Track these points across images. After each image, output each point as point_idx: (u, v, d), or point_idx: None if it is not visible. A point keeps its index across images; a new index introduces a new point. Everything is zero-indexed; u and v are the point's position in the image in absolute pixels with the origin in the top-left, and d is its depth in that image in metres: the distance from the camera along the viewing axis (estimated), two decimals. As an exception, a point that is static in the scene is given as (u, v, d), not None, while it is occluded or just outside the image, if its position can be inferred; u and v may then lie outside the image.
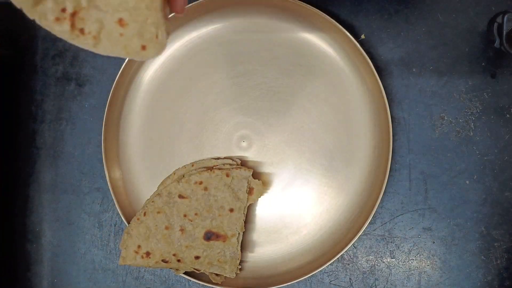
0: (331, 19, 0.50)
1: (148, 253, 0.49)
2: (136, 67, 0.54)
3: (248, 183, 0.50)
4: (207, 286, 0.50)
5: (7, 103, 0.58)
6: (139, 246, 0.49)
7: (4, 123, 0.58)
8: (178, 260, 0.49)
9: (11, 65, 0.58)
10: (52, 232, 0.57)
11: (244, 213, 0.49)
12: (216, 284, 0.50)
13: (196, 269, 0.49)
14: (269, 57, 0.53)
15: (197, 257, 0.49)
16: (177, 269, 0.50)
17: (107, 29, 0.32)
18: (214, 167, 0.50)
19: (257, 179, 0.51)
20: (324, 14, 0.50)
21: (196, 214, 0.49)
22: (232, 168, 0.50)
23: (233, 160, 0.52)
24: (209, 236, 0.48)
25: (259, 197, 0.51)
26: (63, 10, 0.31)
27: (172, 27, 0.52)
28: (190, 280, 0.52)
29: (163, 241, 0.49)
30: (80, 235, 0.56)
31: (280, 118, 0.53)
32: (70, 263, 0.56)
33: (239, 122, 0.53)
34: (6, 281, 0.57)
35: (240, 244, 0.49)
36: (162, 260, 0.49)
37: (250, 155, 0.53)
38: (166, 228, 0.49)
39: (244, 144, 0.53)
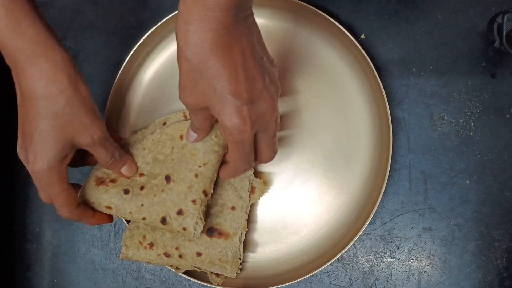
0: (331, 19, 0.50)
1: (151, 244, 0.49)
2: (136, 67, 0.54)
3: (249, 181, 0.50)
4: (207, 286, 0.50)
5: (7, 103, 0.58)
6: (144, 237, 0.49)
7: (4, 123, 0.58)
8: (180, 256, 0.49)
9: (11, 65, 0.58)
10: (52, 232, 0.57)
11: (246, 212, 0.50)
12: (217, 285, 0.50)
13: (197, 268, 0.49)
14: (269, 57, 0.53)
15: (199, 254, 0.48)
16: (177, 268, 0.50)
17: None
18: None
19: (257, 178, 0.51)
20: (324, 14, 0.50)
21: None
22: None
23: None
24: (212, 232, 0.48)
25: (261, 196, 0.51)
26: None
27: (171, 28, 0.52)
28: (190, 280, 0.52)
29: (168, 234, 0.49)
30: (80, 235, 0.56)
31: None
32: (70, 263, 0.56)
33: (239, 122, 0.53)
34: (6, 281, 0.57)
35: (242, 244, 0.49)
36: (164, 254, 0.49)
37: (250, 155, 0.53)
38: None
39: (244, 144, 0.53)
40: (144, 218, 0.46)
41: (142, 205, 0.45)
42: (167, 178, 0.46)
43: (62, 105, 0.39)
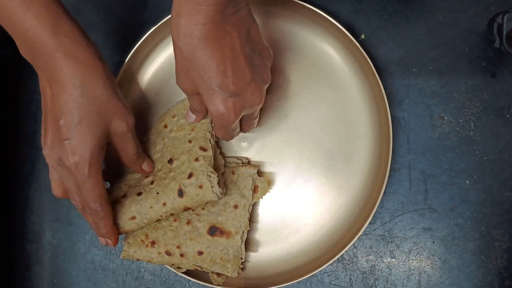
0: (331, 19, 0.50)
1: (153, 242, 0.49)
2: (136, 67, 0.54)
3: (253, 180, 0.50)
4: (208, 286, 0.50)
5: (7, 103, 0.58)
6: (146, 235, 0.49)
7: (4, 123, 0.58)
8: (181, 255, 0.49)
9: (11, 65, 0.58)
10: (52, 232, 0.57)
11: (248, 211, 0.50)
12: (217, 284, 0.50)
13: (198, 267, 0.49)
14: (269, 57, 0.53)
15: (200, 253, 0.48)
16: (178, 267, 0.50)
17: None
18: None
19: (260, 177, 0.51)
20: (324, 14, 0.50)
21: (203, 208, 0.49)
22: (238, 166, 0.51)
23: (238, 159, 0.52)
24: (214, 231, 0.48)
25: (264, 195, 0.51)
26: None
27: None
28: (190, 280, 0.52)
29: (170, 232, 0.49)
30: (80, 235, 0.56)
31: (280, 118, 0.53)
32: (70, 263, 0.56)
33: (239, 122, 0.53)
34: (6, 281, 0.57)
35: (244, 243, 0.49)
36: (166, 252, 0.49)
37: (250, 155, 0.53)
38: (175, 220, 0.49)
39: (244, 144, 0.53)
40: (164, 204, 0.46)
41: (158, 193, 0.46)
42: (170, 161, 0.48)
43: (101, 89, 0.41)
